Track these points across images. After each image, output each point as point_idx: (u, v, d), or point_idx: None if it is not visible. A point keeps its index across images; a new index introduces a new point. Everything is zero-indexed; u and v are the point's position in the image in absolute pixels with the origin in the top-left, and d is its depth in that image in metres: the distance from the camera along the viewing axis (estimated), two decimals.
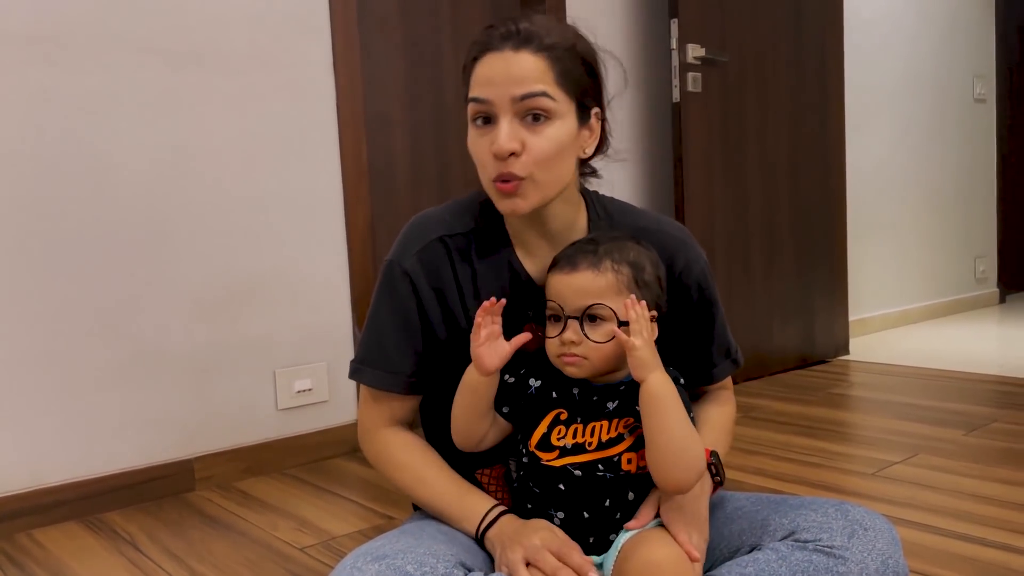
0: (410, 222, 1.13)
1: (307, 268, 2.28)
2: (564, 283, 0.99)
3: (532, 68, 0.98)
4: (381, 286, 1.11)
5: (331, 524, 1.82)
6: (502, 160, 0.98)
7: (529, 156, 0.98)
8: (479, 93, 1.00)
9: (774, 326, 3.18)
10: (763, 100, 3.12)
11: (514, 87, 0.98)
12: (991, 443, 2.19)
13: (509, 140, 0.97)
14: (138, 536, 1.81)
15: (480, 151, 1.01)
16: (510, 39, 0.99)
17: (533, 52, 0.99)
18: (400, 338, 1.09)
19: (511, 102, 0.98)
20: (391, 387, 1.10)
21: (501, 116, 0.98)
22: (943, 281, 4.50)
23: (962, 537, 1.59)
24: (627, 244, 1.02)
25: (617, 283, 0.98)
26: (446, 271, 1.09)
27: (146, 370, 2.04)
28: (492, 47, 1.00)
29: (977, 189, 4.70)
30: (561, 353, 0.99)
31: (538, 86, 0.98)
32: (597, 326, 0.97)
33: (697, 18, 2.85)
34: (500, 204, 1.02)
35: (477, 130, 1.02)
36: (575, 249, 1.01)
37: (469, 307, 1.09)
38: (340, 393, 2.35)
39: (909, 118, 4.22)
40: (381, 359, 1.10)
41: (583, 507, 0.99)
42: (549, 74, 0.99)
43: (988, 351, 3.50)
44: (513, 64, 0.98)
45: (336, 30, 2.29)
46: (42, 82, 1.89)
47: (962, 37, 4.52)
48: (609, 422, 1.00)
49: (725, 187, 3.01)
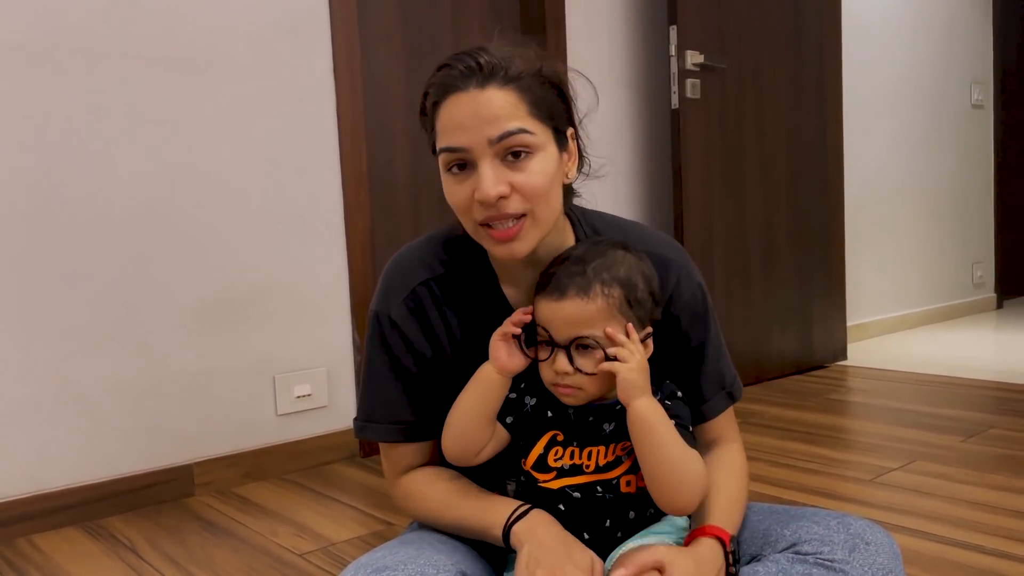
0: (389, 266, 1.09)
1: (307, 274, 2.28)
2: (553, 311, 0.94)
3: (503, 104, 0.91)
4: (371, 339, 1.08)
5: (331, 530, 1.83)
6: (491, 206, 0.92)
7: (520, 195, 0.93)
8: (451, 142, 0.93)
9: (772, 331, 3.19)
10: (761, 106, 3.13)
11: (488, 128, 0.91)
12: (988, 449, 2.19)
13: (495, 185, 0.91)
14: (138, 542, 1.81)
15: (461, 199, 0.95)
16: (472, 76, 0.92)
17: (500, 86, 0.92)
18: (400, 388, 1.06)
19: (488, 144, 0.91)
20: (400, 438, 1.07)
21: (480, 161, 0.92)
22: (940, 286, 4.51)
23: (959, 544, 1.60)
24: (616, 258, 0.96)
25: (608, 307, 0.93)
26: (434, 315, 1.05)
27: (146, 376, 2.04)
28: (454, 88, 0.92)
29: (974, 195, 4.71)
30: (555, 382, 0.96)
31: (513, 123, 0.91)
32: (587, 355, 0.94)
33: (696, 24, 2.86)
34: (496, 250, 0.96)
35: (454, 177, 0.95)
36: (563, 271, 0.95)
37: (461, 345, 1.06)
38: (339, 398, 2.36)
39: (907, 124, 4.23)
40: (385, 412, 1.07)
41: (583, 527, 0.98)
42: (521, 107, 0.92)
43: (985, 357, 3.51)
44: (482, 104, 0.91)
45: (336, 37, 2.30)
46: (42, 91, 1.90)
47: (960, 43, 4.54)
48: (606, 447, 0.98)
49: (724, 193, 3.02)
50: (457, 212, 0.97)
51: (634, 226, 1.13)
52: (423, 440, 1.08)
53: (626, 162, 3.02)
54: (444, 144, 0.94)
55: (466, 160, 0.93)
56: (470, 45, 0.96)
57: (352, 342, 2.36)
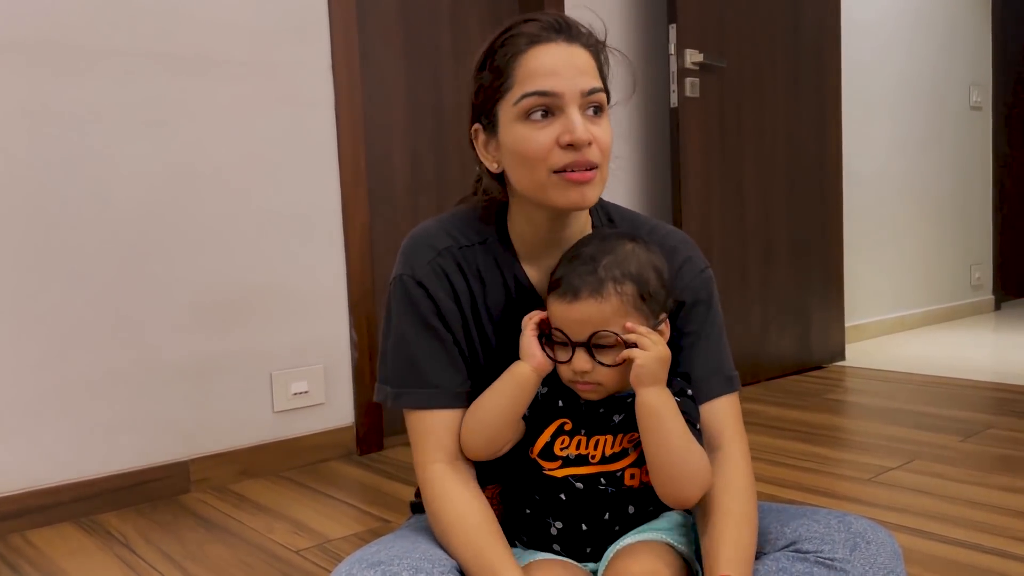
0: (411, 237, 1.07)
1: (305, 271, 2.28)
2: (568, 312, 0.94)
3: (588, 61, 0.98)
4: (397, 302, 1.04)
5: (327, 527, 1.82)
6: (579, 149, 0.94)
7: (599, 147, 0.97)
8: (544, 86, 0.95)
9: (770, 331, 3.19)
10: (761, 106, 3.12)
11: (581, 80, 0.96)
12: (987, 449, 2.19)
13: (587, 130, 0.95)
14: (133, 538, 1.80)
15: (542, 144, 0.95)
16: (561, 31, 0.97)
17: (584, 47, 0.98)
18: (432, 349, 1.03)
19: (580, 94, 0.95)
20: (438, 403, 1.02)
21: (568, 107, 0.95)
22: (939, 288, 4.51)
23: (958, 543, 1.59)
24: (626, 252, 0.96)
25: (622, 305, 0.94)
26: (459, 281, 1.04)
27: (142, 372, 2.03)
28: (544, 38, 0.97)
29: (973, 196, 4.71)
30: (574, 380, 0.97)
31: (597, 81, 0.98)
32: (606, 351, 0.94)
33: (696, 23, 2.86)
34: (568, 195, 0.96)
35: (535, 124, 0.96)
36: (573, 271, 0.95)
37: (480, 319, 1.05)
38: (336, 396, 2.35)
39: (906, 125, 4.23)
40: (418, 378, 1.02)
41: (582, 518, 0.98)
42: (597, 71, 0.99)
43: (984, 357, 3.51)
44: (575, 55, 0.96)
45: (335, 36, 2.29)
46: (40, 90, 1.89)
47: (959, 45, 4.54)
48: (614, 436, 0.98)
49: (722, 192, 3.02)
50: (529, 160, 0.96)
51: (646, 219, 1.13)
52: (460, 406, 1.03)
53: (625, 161, 3.01)
54: (534, 88, 0.95)
55: (552, 106, 0.95)
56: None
57: (350, 339, 2.36)
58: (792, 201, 3.26)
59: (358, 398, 2.37)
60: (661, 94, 3.10)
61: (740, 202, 3.08)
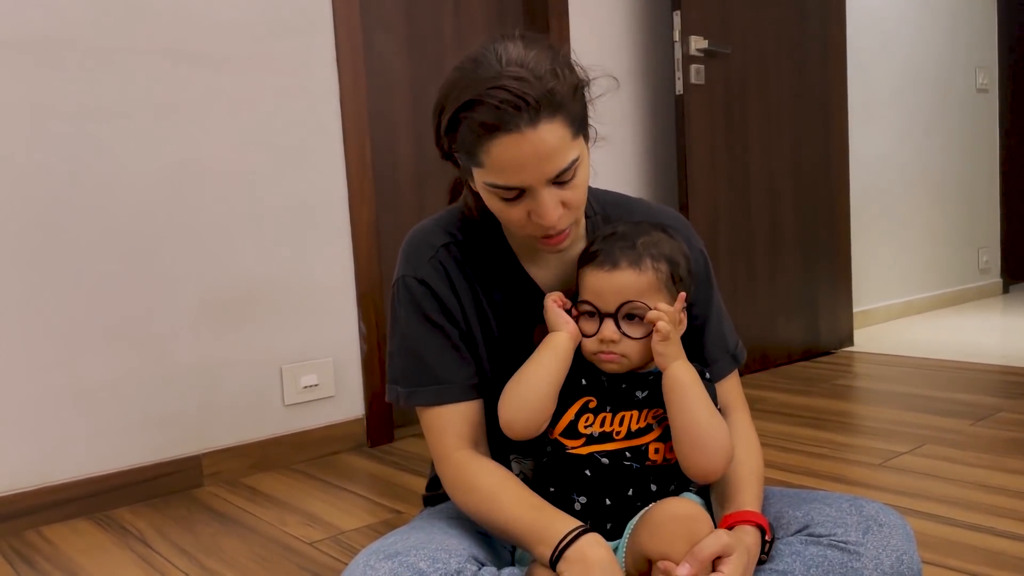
0: (410, 237, 1.10)
1: (313, 266, 2.28)
2: (605, 281, 0.97)
3: (555, 139, 0.91)
4: (401, 302, 1.07)
5: (340, 519, 1.83)
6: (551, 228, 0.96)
7: (571, 209, 0.97)
8: (510, 181, 0.92)
9: (778, 318, 3.18)
10: (766, 92, 3.11)
11: (546, 167, 0.91)
12: (998, 433, 2.19)
13: (556, 211, 0.94)
14: (147, 532, 1.81)
15: (516, 219, 0.97)
16: (522, 113, 0.89)
17: (549, 119, 0.90)
18: (439, 346, 1.05)
19: (547, 181, 0.93)
20: (450, 398, 1.04)
21: (538, 190, 0.93)
22: (946, 272, 4.50)
23: (971, 527, 1.59)
24: (659, 237, 1.01)
25: (657, 281, 0.98)
26: (458, 276, 1.06)
27: (153, 369, 2.04)
28: (506, 128, 0.89)
29: (980, 180, 4.69)
30: (599, 351, 0.98)
31: (567, 156, 0.92)
32: (635, 324, 0.97)
33: (700, 10, 2.85)
34: (542, 246, 1.01)
35: (505, 202, 0.96)
36: (611, 244, 0.99)
37: (481, 311, 1.08)
38: (346, 388, 2.35)
39: (912, 109, 4.21)
40: (428, 375, 1.04)
41: (606, 494, 0.99)
42: (568, 134, 0.92)
43: (992, 341, 3.50)
44: (538, 143, 0.90)
45: (339, 31, 2.29)
46: (44, 88, 1.89)
47: (964, 28, 4.51)
48: (639, 412, 1.00)
49: (728, 179, 3.01)
50: (505, 223, 1.00)
51: (637, 200, 1.17)
52: (472, 400, 1.05)
53: (630, 148, 3.01)
54: (501, 182, 0.93)
55: (521, 191, 0.95)
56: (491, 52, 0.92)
57: (358, 332, 2.36)
58: (798, 187, 3.25)
59: (368, 390, 2.38)
60: (666, 81, 3.09)
61: (746, 188, 3.07)
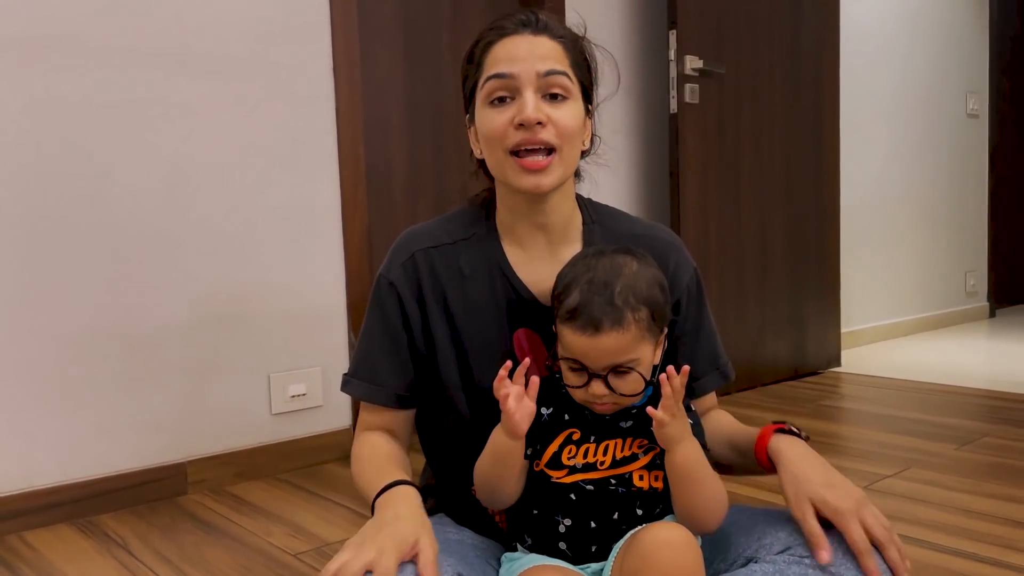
0: (398, 238, 1.15)
1: (303, 273, 2.28)
2: (590, 345, 0.94)
3: (552, 49, 1.03)
4: (372, 300, 1.14)
5: (325, 530, 1.82)
6: (530, 128, 0.99)
7: (555, 127, 1.01)
8: (503, 69, 1.01)
9: (766, 337, 3.20)
10: (759, 112, 3.13)
11: (538, 63, 1.01)
12: (982, 457, 2.20)
13: (536, 110, 0.99)
14: (130, 540, 1.80)
15: (498, 125, 1.01)
16: (528, 25, 1.04)
17: (551, 38, 1.04)
18: (387, 351, 1.11)
19: (536, 76, 1.00)
20: (377, 400, 1.11)
21: (525, 90, 1.01)
22: (934, 294, 4.53)
23: (953, 552, 1.60)
24: (632, 272, 0.97)
25: (639, 331, 0.95)
26: (429, 282, 1.09)
27: (140, 373, 2.03)
28: (509, 32, 1.04)
29: (969, 203, 4.73)
30: (589, 402, 0.98)
31: (559, 65, 1.02)
32: (623, 377, 0.96)
33: (695, 29, 2.87)
34: (522, 181, 1.01)
35: (494, 109, 1.02)
36: (590, 301, 0.94)
37: (456, 316, 1.09)
38: (334, 398, 2.35)
39: (903, 132, 4.25)
40: (369, 372, 1.12)
41: (591, 517, 0.98)
42: (566, 59, 1.04)
43: (978, 365, 3.52)
44: (536, 43, 1.02)
45: (336, 37, 2.30)
46: (41, 89, 1.89)
47: (956, 52, 4.56)
48: (623, 440, 0.99)
49: (720, 198, 3.03)
50: (491, 141, 1.03)
51: (629, 216, 1.19)
52: (400, 408, 1.12)
53: (623, 166, 3.02)
54: (493, 71, 1.02)
55: (511, 89, 1.01)
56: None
57: (348, 341, 2.36)
58: (789, 207, 3.27)
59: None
60: (660, 100, 3.11)
61: (738, 208, 3.09)
